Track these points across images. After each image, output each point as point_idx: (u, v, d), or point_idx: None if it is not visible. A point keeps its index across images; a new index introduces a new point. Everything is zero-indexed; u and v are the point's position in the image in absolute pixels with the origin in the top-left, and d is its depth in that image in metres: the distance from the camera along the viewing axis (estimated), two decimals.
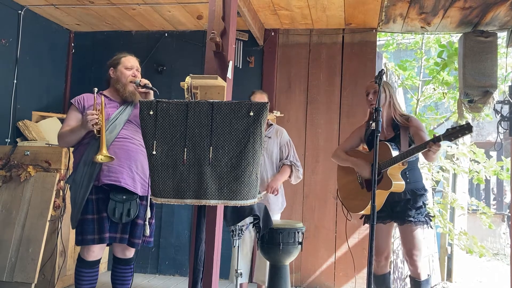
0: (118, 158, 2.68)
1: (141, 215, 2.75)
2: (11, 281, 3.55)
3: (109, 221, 2.67)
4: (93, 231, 2.64)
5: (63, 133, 2.78)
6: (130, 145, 2.76)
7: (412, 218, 2.94)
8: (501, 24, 4.28)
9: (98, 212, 2.66)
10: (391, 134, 3.10)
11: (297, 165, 3.65)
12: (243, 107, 1.93)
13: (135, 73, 2.89)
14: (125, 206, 2.66)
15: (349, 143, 3.31)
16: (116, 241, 2.73)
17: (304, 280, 4.49)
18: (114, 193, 2.66)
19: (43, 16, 4.68)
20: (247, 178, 1.93)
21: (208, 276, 2.84)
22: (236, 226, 2.93)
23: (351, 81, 4.61)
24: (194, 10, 4.38)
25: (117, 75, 2.90)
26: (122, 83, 2.87)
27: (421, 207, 2.99)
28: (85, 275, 2.70)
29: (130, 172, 2.71)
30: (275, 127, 3.75)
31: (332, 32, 4.69)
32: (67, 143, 2.80)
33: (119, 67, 2.90)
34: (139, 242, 2.74)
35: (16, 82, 4.35)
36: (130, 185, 2.69)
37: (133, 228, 2.74)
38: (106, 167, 2.66)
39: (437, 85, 5.66)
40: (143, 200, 2.78)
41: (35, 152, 3.90)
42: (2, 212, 3.75)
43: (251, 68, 4.78)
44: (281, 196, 3.68)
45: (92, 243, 2.64)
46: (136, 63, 2.96)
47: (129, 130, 2.80)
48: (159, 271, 4.75)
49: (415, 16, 4.24)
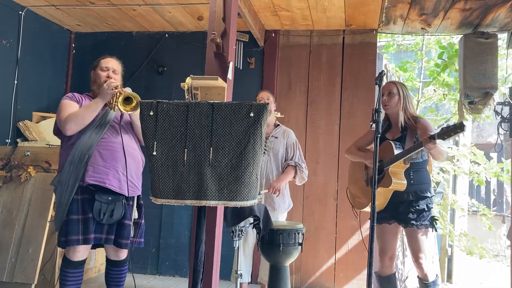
0: (104, 159, 2.66)
1: (129, 216, 2.73)
2: (11, 282, 3.54)
3: (95, 222, 2.63)
4: (77, 231, 2.60)
5: (76, 114, 2.68)
6: (115, 145, 2.73)
7: (414, 221, 2.94)
8: (502, 26, 4.29)
9: (83, 213, 2.63)
10: (398, 134, 3.13)
11: (301, 166, 3.63)
12: (243, 108, 1.93)
13: (109, 74, 2.86)
14: (109, 207, 2.64)
15: (363, 141, 3.35)
16: (101, 242, 2.70)
17: (304, 281, 4.49)
18: (99, 194, 2.63)
19: (43, 16, 4.69)
20: (247, 179, 1.93)
21: (208, 277, 2.84)
22: (236, 227, 2.93)
23: (352, 82, 4.61)
24: (195, 11, 4.38)
25: (94, 77, 2.91)
26: (97, 84, 2.86)
27: (424, 210, 2.96)
28: (70, 275, 2.67)
29: (116, 173, 2.68)
30: (283, 128, 3.74)
31: (332, 33, 4.69)
32: (81, 123, 2.67)
33: (97, 69, 2.90)
34: (127, 243, 2.72)
35: (16, 83, 4.35)
36: (115, 186, 2.66)
37: (120, 229, 2.71)
38: (92, 168, 2.64)
39: (437, 87, 5.66)
40: (129, 200, 2.76)
41: (35, 153, 3.90)
42: (2, 212, 3.75)
43: (252, 69, 4.79)
44: (287, 196, 3.67)
45: (77, 243, 2.60)
46: (115, 65, 2.92)
47: (114, 131, 2.77)
48: (159, 272, 4.75)
49: (416, 17, 4.25)
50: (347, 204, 4.44)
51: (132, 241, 2.79)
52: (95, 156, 2.66)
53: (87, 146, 2.66)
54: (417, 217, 2.95)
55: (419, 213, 2.95)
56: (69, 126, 2.65)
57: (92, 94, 2.92)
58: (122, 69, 2.98)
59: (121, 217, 2.68)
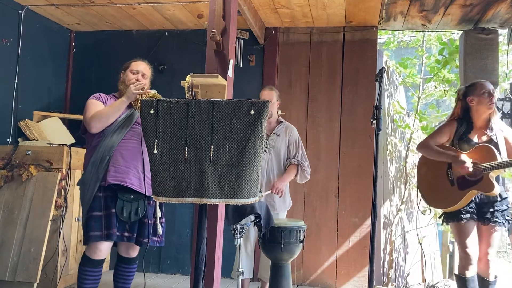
0: (125, 159, 2.73)
1: (149, 215, 2.78)
2: (13, 281, 3.55)
3: (117, 219, 2.69)
4: (100, 227, 2.65)
5: (100, 112, 2.76)
6: (136, 146, 2.79)
7: (497, 219, 3.01)
8: (502, 22, 4.28)
9: (106, 209, 2.69)
10: (484, 136, 3.12)
11: (304, 165, 3.59)
12: (244, 105, 1.93)
13: (138, 78, 2.93)
14: (133, 205, 2.70)
15: (438, 138, 3.21)
16: (124, 240, 2.75)
17: (306, 278, 4.49)
18: (121, 192, 2.70)
19: (43, 16, 4.69)
20: (248, 177, 1.93)
21: (209, 275, 2.84)
22: (238, 224, 2.93)
23: (352, 79, 4.60)
24: (195, 9, 4.38)
25: (123, 78, 2.97)
26: (125, 85, 2.93)
27: (506, 209, 3.05)
28: (89, 274, 2.71)
29: (136, 173, 2.74)
30: (285, 124, 3.69)
31: (332, 30, 4.68)
32: (105, 121, 2.75)
33: (127, 71, 2.98)
34: (146, 241, 2.76)
35: (17, 82, 4.35)
36: (136, 185, 2.72)
37: (141, 227, 2.76)
38: (113, 168, 2.70)
39: (438, 83, 5.64)
40: (151, 200, 2.80)
41: (36, 152, 3.91)
42: (4, 211, 3.75)
43: (252, 67, 4.78)
44: (287, 195, 3.65)
45: (100, 239, 2.65)
46: (145, 69, 3.01)
47: (136, 131, 2.84)
48: (161, 270, 4.76)
49: (416, 13, 4.24)
50: (348, 201, 4.48)
51: (153, 240, 2.82)
52: (116, 157, 2.73)
53: (109, 147, 2.73)
54: (500, 216, 3.02)
55: (501, 212, 3.03)
56: (94, 123, 2.73)
57: (118, 94, 2.99)
58: (151, 73, 3.07)
59: (144, 215, 2.74)
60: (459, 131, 3.17)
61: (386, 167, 5.26)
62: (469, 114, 3.17)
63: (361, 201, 4.42)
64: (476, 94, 3.13)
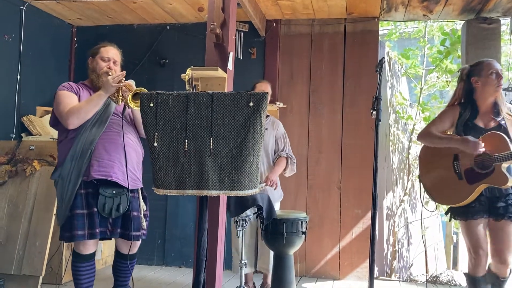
0: (108, 153, 2.62)
1: (135, 207, 2.68)
2: (19, 274, 3.59)
3: (99, 216, 2.59)
4: (83, 226, 2.56)
5: (78, 108, 2.59)
6: (118, 138, 2.67)
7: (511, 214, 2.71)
8: (504, 11, 4.24)
9: (88, 207, 2.59)
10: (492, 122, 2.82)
11: (293, 158, 3.70)
12: (243, 97, 1.94)
13: (110, 65, 2.77)
14: (115, 201, 2.59)
15: (440, 125, 2.91)
16: (107, 235, 2.65)
17: (309, 270, 4.51)
18: (103, 188, 2.59)
19: (45, 11, 4.69)
20: (247, 168, 1.94)
21: (212, 267, 2.86)
22: (240, 217, 2.95)
23: (354, 71, 4.59)
24: (195, 2, 4.37)
25: (93, 65, 2.80)
26: (96, 73, 2.78)
27: None
28: (82, 269, 2.65)
29: (121, 166, 2.64)
30: (271, 119, 3.77)
31: (334, 21, 4.66)
32: (83, 117, 2.58)
33: (96, 57, 2.81)
34: (138, 235, 2.66)
35: (19, 78, 4.37)
36: (120, 179, 2.62)
37: (128, 221, 2.65)
38: (97, 162, 2.59)
39: (440, 74, 5.63)
40: (134, 192, 2.71)
41: (40, 147, 3.93)
42: (8, 206, 3.79)
43: (253, 60, 4.78)
44: (279, 187, 3.71)
45: (83, 238, 2.56)
46: (115, 55, 2.82)
47: (115, 123, 2.71)
48: (165, 262, 4.79)
49: (417, 4, 4.21)
50: (351, 192, 4.49)
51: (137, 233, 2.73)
52: (99, 150, 2.61)
53: (89, 140, 2.60)
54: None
55: None
56: (71, 120, 2.57)
57: (89, 83, 2.84)
58: (121, 58, 2.88)
59: (127, 209, 2.63)
60: (463, 116, 2.85)
61: (389, 159, 5.26)
62: (472, 97, 2.87)
63: (364, 193, 4.42)
64: (483, 74, 2.80)
